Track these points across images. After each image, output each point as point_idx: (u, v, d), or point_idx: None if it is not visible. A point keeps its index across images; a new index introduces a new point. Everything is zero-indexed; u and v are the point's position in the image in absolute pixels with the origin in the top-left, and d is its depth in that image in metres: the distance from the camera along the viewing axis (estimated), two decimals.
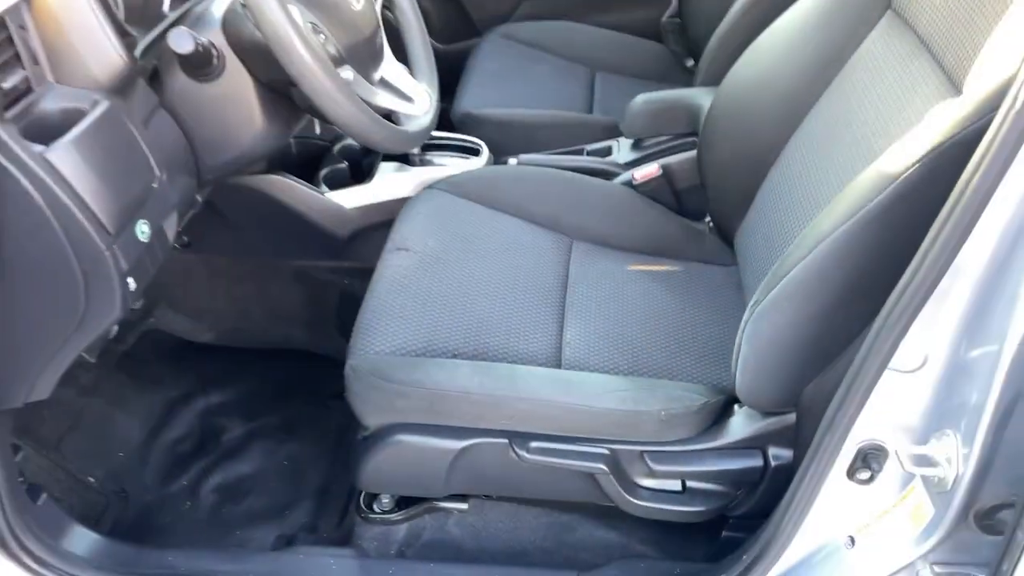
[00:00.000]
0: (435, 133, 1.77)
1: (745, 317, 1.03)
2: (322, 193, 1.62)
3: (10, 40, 0.92)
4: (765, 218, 1.34)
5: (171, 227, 1.12)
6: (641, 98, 1.66)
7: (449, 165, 1.66)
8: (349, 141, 1.78)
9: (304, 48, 0.97)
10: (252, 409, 1.65)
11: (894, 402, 0.91)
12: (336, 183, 1.65)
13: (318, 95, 1.01)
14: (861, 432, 0.94)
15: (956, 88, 1.02)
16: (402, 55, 1.42)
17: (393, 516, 1.28)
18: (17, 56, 0.93)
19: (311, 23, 1.06)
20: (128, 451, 1.54)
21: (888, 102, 1.14)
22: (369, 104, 1.15)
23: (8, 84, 0.91)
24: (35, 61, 0.96)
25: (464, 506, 1.27)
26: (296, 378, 1.72)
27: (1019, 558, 0.79)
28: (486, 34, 2.23)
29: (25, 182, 0.86)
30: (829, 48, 1.30)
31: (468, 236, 1.41)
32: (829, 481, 0.98)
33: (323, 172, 1.66)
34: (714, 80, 1.68)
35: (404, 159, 1.67)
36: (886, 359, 0.88)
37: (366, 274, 1.39)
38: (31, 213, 0.88)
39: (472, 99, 1.90)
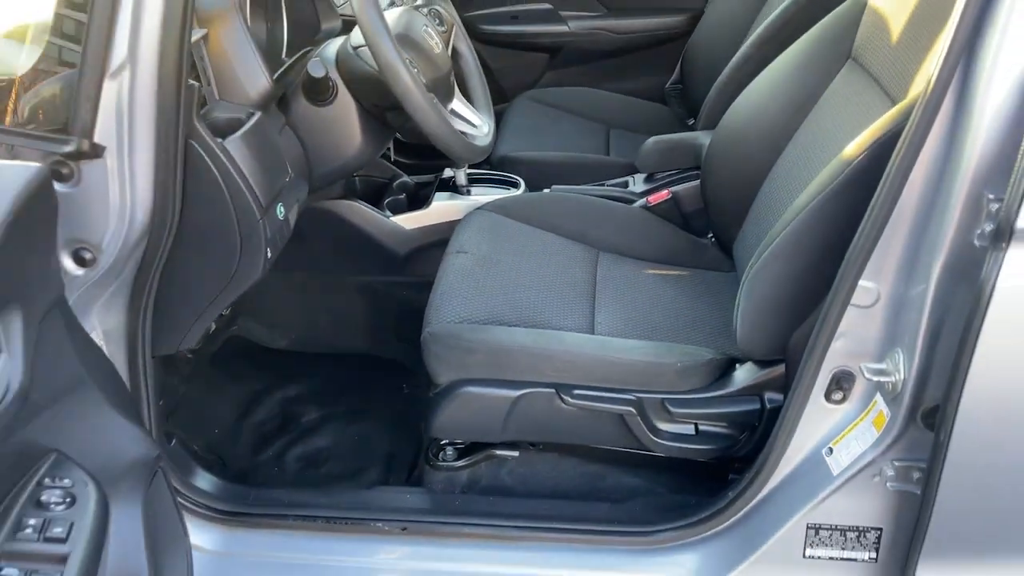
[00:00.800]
0: (479, 170, 2.11)
1: (743, 277, 1.33)
2: (386, 216, 1.94)
3: (194, 66, 1.26)
4: (757, 229, 1.65)
5: (293, 217, 1.43)
6: (652, 139, 2.00)
7: (493, 194, 1.98)
8: (405, 178, 2.11)
9: (409, 77, 1.31)
10: (324, 400, 1.92)
11: (856, 332, 1.20)
12: (397, 210, 1.97)
13: (416, 111, 1.34)
14: (833, 360, 1.22)
15: (895, 103, 1.34)
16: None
17: (456, 464, 1.55)
18: (198, 77, 1.27)
19: (407, 59, 1.39)
20: (222, 429, 1.81)
21: (849, 126, 1.46)
22: None
23: None
24: (208, 83, 1.29)
25: (516, 453, 1.54)
26: (360, 377, 2.00)
27: (952, 426, 1.07)
28: (515, 98, 2.59)
29: (209, 162, 1.18)
30: (804, 91, 1.64)
31: (514, 244, 1.71)
32: (811, 404, 1.26)
33: (386, 201, 1.98)
34: (712, 124, 2.02)
35: (455, 189, 2.00)
36: (848, 297, 1.17)
37: (421, 287, 1.69)
38: (211, 186, 1.19)
39: (508, 145, 2.24)
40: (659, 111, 2.61)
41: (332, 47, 1.50)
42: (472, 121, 1.59)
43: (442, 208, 1.96)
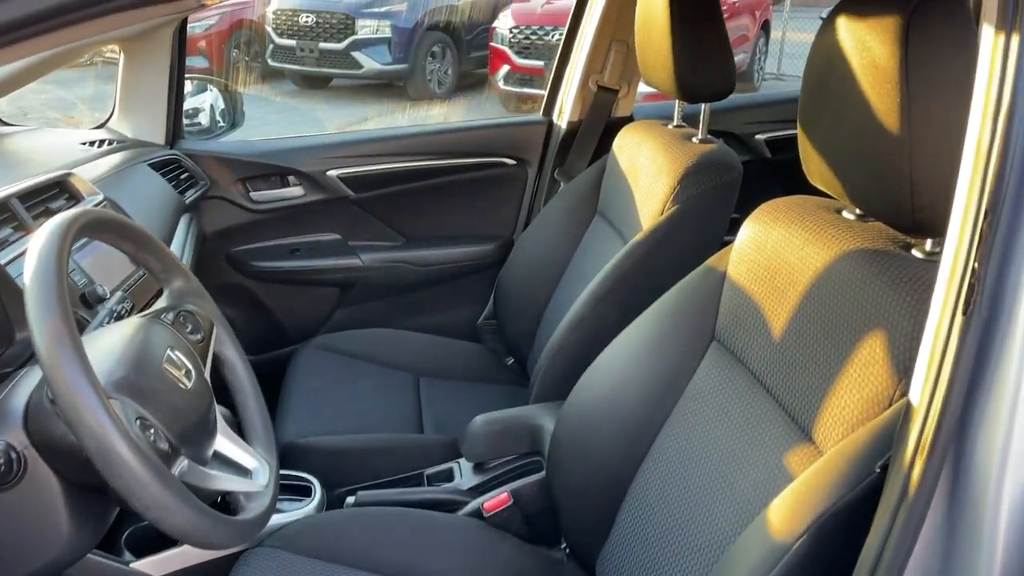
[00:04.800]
0: None
1: None
2: (126, 564, 1.38)
3: None
4: (629, 549, 1.29)
5: None
6: (481, 420, 1.62)
7: (283, 513, 1.49)
8: None
9: (135, 458, 0.83)
10: None
11: None
12: (142, 547, 1.42)
13: (151, 510, 0.86)
14: None
15: (803, 430, 1.05)
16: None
17: None
18: None
19: (139, 419, 0.92)
20: None
21: (738, 439, 1.16)
22: (205, 490, 1.01)
23: None
24: None
25: None
26: None
27: None
28: (301, 346, 2.14)
29: None
30: (664, 375, 1.34)
31: None
32: None
33: (124, 536, 1.43)
34: (548, 396, 1.69)
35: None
36: None
37: None
38: None
39: (295, 426, 1.77)
40: (473, 351, 2.26)
41: (21, 392, 0.99)
42: (243, 464, 1.12)
43: None
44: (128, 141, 2.08)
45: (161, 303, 1.16)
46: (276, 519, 1.48)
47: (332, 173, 2.24)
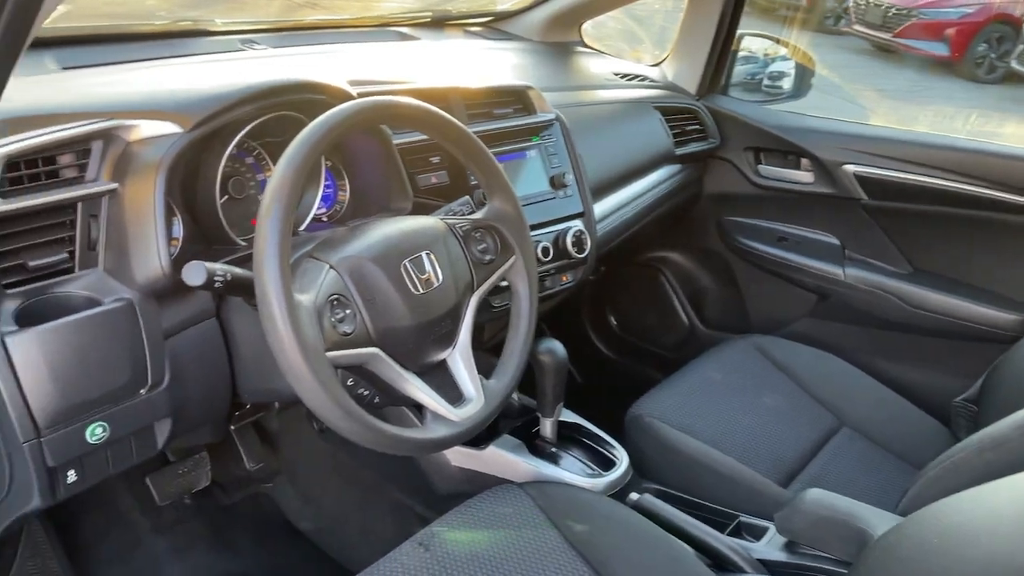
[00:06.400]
0: (588, 425, 1.58)
1: None
2: None
3: (64, 224, 1.00)
4: None
5: (163, 431, 1.10)
6: (814, 494, 1.29)
7: (568, 472, 1.45)
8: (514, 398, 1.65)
9: (283, 317, 0.89)
10: None
11: None
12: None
13: (287, 373, 0.91)
14: None
15: None
16: None
17: None
18: (66, 240, 1.00)
19: (336, 295, 0.98)
20: None
21: None
22: (389, 386, 1.04)
23: (38, 262, 0.98)
24: (92, 247, 1.03)
25: None
26: None
27: None
28: (742, 337, 1.96)
29: None
30: None
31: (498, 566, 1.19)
32: None
33: None
34: (906, 506, 1.27)
35: (529, 442, 1.50)
36: None
37: None
38: None
39: (656, 404, 1.64)
40: (932, 429, 1.77)
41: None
42: (460, 390, 1.10)
43: (498, 459, 1.47)
44: (661, 83, 2.11)
45: (476, 215, 1.19)
46: (563, 475, 1.44)
47: (848, 168, 1.93)
